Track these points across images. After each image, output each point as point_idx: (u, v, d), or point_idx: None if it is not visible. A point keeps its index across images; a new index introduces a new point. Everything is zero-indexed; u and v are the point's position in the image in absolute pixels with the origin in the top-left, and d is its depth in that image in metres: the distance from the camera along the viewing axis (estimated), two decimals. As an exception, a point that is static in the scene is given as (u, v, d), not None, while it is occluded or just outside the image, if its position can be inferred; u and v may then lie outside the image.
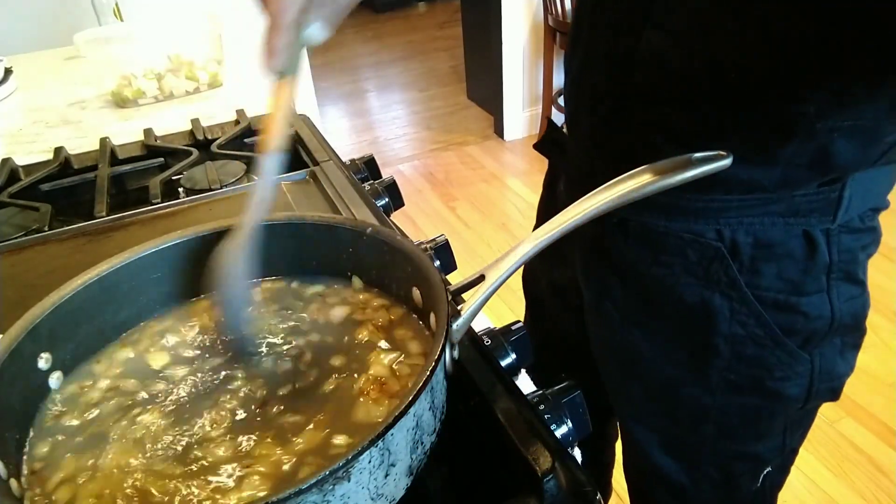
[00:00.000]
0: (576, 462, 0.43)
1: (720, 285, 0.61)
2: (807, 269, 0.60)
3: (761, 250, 0.59)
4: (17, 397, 0.41)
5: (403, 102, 3.99)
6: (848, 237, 0.60)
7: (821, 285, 0.61)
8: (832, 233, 0.59)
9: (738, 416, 0.69)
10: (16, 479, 0.38)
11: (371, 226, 0.51)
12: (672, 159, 0.47)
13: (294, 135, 0.96)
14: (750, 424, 0.69)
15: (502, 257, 0.46)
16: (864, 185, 0.57)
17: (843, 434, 1.61)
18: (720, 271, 0.61)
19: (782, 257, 0.60)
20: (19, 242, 0.73)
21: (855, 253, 0.62)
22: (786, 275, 0.60)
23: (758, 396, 0.66)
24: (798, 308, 0.61)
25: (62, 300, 0.45)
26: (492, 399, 0.46)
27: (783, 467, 0.76)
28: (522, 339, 0.57)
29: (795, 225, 0.58)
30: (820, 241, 0.59)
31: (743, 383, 0.65)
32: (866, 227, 0.61)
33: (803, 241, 0.59)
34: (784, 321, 0.62)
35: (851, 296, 0.64)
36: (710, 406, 0.68)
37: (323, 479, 0.31)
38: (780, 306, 0.61)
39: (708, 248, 0.61)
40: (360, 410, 0.42)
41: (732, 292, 0.61)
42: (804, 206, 0.57)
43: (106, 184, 0.84)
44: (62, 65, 1.48)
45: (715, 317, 0.63)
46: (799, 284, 0.61)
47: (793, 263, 0.60)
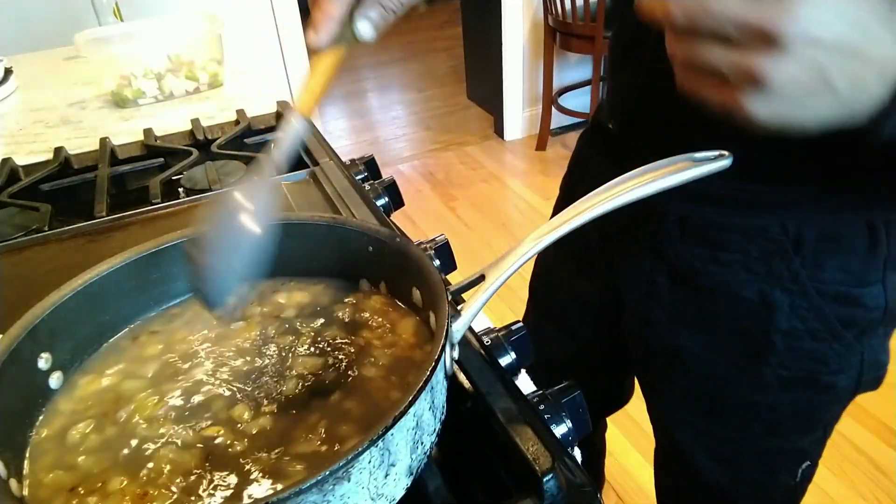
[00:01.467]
0: (576, 462, 0.43)
1: (782, 280, 0.61)
2: (868, 260, 0.60)
3: (825, 243, 0.59)
4: (17, 397, 0.41)
5: (403, 102, 3.99)
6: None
7: (879, 276, 0.61)
8: (891, 223, 0.59)
9: (788, 413, 0.69)
10: (16, 479, 0.38)
11: (371, 226, 0.51)
12: (672, 159, 0.47)
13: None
14: (799, 420, 0.70)
15: (502, 257, 0.46)
16: None
17: (843, 434, 1.61)
18: (782, 266, 0.61)
19: (845, 250, 0.59)
20: (19, 242, 0.73)
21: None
22: (848, 267, 0.60)
23: (811, 391, 0.66)
24: (859, 300, 0.61)
25: (62, 300, 0.45)
26: (492, 399, 0.46)
27: (816, 460, 0.77)
28: (522, 339, 0.57)
29: (860, 216, 0.58)
30: (881, 232, 0.59)
31: (796, 378, 0.65)
32: None
33: (866, 233, 0.59)
34: (844, 313, 0.62)
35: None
36: (760, 404, 0.68)
37: (323, 479, 0.31)
38: (842, 299, 0.61)
39: (772, 242, 0.60)
40: (362, 410, 0.42)
41: (794, 286, 0.61)
42: (872, 197, 0.57)
43: (106, 184, 0.84)
44: (62, 65, 1.48)
45: (774, 312, 0.62)
46: (860, 276, 0.60)
47: (855, 255, 0.60)
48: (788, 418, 0.70)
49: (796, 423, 0.70)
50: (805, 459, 0.74)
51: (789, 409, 0.69)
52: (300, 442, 0.40)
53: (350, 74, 4.46)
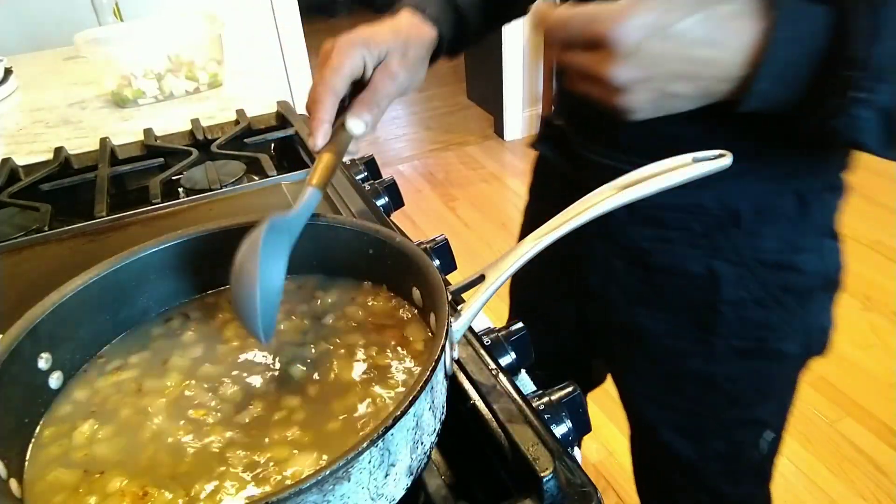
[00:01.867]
0: (576, 462, 0.43)
1: (724, 252, 0.65)
2: (801, 228, 0.65)
3: (760, 214, 0.63)
4: (18, 397, 0.41)
5: (403, 102, 3.99)
6: (830, 195, 0.65)
7: (813, 243, 0.66)
8: (819, 192, 0.64)
9: (744, 382, 0.72)
10: (16, 480, 0.38)
11: (371, 226, 0.51)
12: (672, 159, 0.47)
13: (294, 135, 0.96)
14: (755, 388, 0.73)
15: (502, 257, 0.46)
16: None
17: (843, 434, 1.61)
18: (723, 239, 0.65)
19: (779, 219, 0.64)
20: (19, 242, 0.73)
21: (834, 209, 0.66)
22: (783, 235, 0.64)
23: (762, 359, 0.70)
24: (797, 266, 0.65)
25: (62, 300, 0.45)
26: (492, 399, 0.46)
27: (780, 432, 0.80)
28: (522, 339, 0.57)
29: (789, 186, 0.63)
30: (809, 199, 0.63)
31: (747, 348, 0.69)
32: (841, 184, 0.66)
33: (796, 202, 0.63)
34: (784, 280, 0.66)
35: (836, 250, 0.68)
36: (716, 375, 0.71)
37: (323, 480, 0.31)
38: (780, 266, 0.65)
39: (711, 217, 0.64)
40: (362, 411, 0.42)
41: (736, 257, 0.65)
42: (798, 167, 0.62)
43: (106, 184, 0.84)
44: (62, 65, 1.48)
45: (719, 284, 0.66)
46: (795, 243, 0.65)
47: (788, 224, 0.64)
48: (744, 387, 0.72)
49: (753, 392, 0.73)
50: (767, 430, 0.77)
51: (744, 378, 0.72)
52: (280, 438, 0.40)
53: (350, 74, 4.45)
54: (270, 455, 0.39)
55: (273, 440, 0.40)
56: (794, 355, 0.71)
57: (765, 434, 0.77)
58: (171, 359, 0.48)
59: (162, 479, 0.38)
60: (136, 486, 0.38)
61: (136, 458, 0.40)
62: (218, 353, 0.48)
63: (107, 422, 0.43)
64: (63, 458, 0.41)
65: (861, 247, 2.28)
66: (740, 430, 0.76)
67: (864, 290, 2.06)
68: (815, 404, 1.70)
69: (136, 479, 0.38)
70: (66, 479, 0.39)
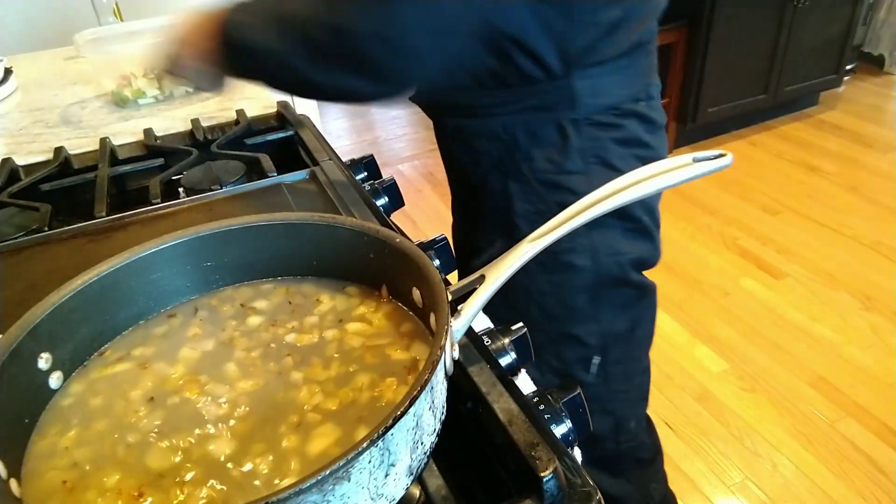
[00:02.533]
0: (576, 462, 0.43)
1: (512, 172, 0.80)
2: (564, 151, 0.77)
3: (531, 139, 0.77)
4: (17, 397, 0.41)
5: (403, 102, 3.98)
6: (594, 128, 0.77)
7: (578, 166, 0.78)
8: (579, 123, 0.76)
9: (551, 295, 0.83)
10: (16, 480, 0.38)
11: (371, 226, 0.51)
12: (673, 159, 0.47)
13: (294, 135, 0.96)
14: (561, 303, 0.84)
15: (502, 257, 0.46)
16: (592, 84, 0.75)
17: (843, 434, 1.61)
18: (510, 160, 0.79)
19: (545, 144, 0.77)
20: (19, 242, 0.73)
21: (603, 142, 0.77)
22: (551, 158, 0.77)
23: (559, 272, 0.81)
24: (564, 185, 0.78)
25: (62, 300, 0.45)
26: (492, 399, 0.46)
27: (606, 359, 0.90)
28: (522, 338, 0.57)
29: (549, 116, 0.76)
30: (569, 130, 0.76)
31: (545, 261, 0.77)
32: (614, 124, 0.77)
33: (556, 130, 0.77)
34: (558, 197, 0.78)
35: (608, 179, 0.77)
36: (529, 287, 0.83)
37: (323, 480, 0.31)
38: (553, 185, 0.78)
39: (501, 142, 0.79)
40: (363, 411, 0.42)
41: (521, 176, 0.79)
42: (550, 100, 0.75)
43: (106, 184, 0.84)
44: (62, 65, 1.48)
45: (512, 199, 0.80)
46: (562, 165, 0.78)
47: (554, 148, 0.77)
48: (553, 302, 0.84)
49: (561, 307, 0.84)
50: (591, 353, 0.88)
51: (551, 292, 0.82)
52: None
53: (350, 74, 4.45)
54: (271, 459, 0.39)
55: (274, 441, 0.40)
56: (586, 269, 0.81)
57: (592, 359, 0.88)
58: (172, 357, 0.48)
59: (158, 478, 0.38)
60: (133, 486, 0.38)
61: (134, 458, 0.40)
62: (217, 351, 0.48)
63: (107, 422, 0.43)
64: (62, 457, 0.41)
65: (861, 247, 2.28)
66: (564, 348, 0.87)
67: (864, 290, 2.06)
68: (815, 404, 1.70)
69: (132, 478, 0.38)
70: (65, 479, 0.39)
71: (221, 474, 0.38)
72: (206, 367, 0.47)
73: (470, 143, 0.82)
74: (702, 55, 2.67)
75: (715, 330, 1.98)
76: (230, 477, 0.38)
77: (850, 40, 3.03)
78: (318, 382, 0.45)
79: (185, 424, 0.42)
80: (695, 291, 2.14)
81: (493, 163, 0.80)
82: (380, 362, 0.46)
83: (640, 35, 0.77)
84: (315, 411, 0.42)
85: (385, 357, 0.46)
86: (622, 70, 0.76)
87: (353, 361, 0.46)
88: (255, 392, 0.44)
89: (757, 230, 2.42)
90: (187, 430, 0.42)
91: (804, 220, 2.46)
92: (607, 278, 0.83)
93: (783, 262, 2.24)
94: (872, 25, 3.56)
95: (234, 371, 0.46)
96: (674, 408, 1.73)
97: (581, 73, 0.73)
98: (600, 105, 0.76)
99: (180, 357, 0.48)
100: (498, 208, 0.82)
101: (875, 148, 2.92)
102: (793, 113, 3.23)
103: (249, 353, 0.48)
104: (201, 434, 0.41)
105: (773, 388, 1.76)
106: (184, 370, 0.47)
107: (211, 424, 0.42)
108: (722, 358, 1.88)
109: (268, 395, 0.44)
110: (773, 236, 2.38)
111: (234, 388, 0.45)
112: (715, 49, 2.66)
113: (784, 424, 1.66)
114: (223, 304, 0.53)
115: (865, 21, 3.47)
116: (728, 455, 1.60)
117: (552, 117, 0.76)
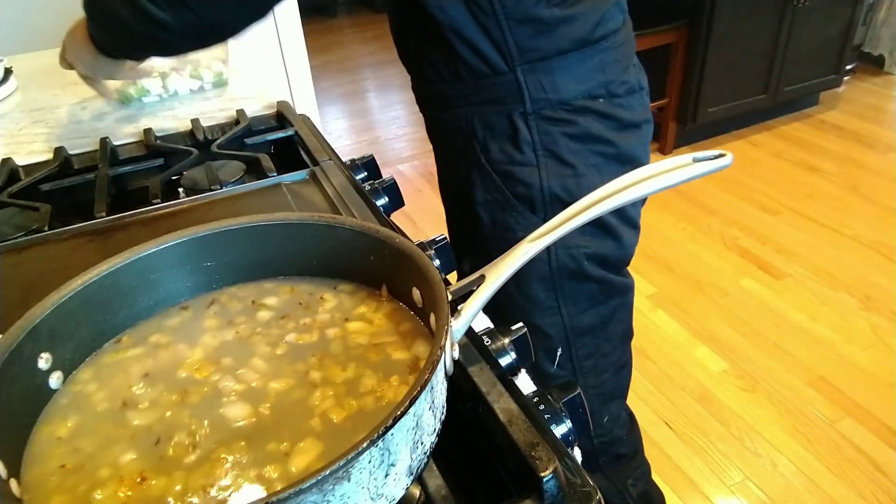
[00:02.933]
0: (576, 462, 0.43)
1: (474, 162, 0.83)
2: (515, 144, 0.80)
3: (488, 131, 0.81)
4: (18, 397, 0.41)
5: (403, 102, 3.99)
6: (545, 123, 0.79)
7: (530, 159, 0.80)
8: (529, 118, 0.79)
9: (511, 282, 0.81)
10: (16, 479, 0.38)
11: (371, 226, 0.51)
12: (673, 159, 0.47)
13: (294, 135, 0.96)
14: (521, 290, 0.87)
15: (502, 257, 0.46)
16: (540, 79, 0.77)
17: (843, 434, 1.61)
18: (471, 150, 0.83)
19: (499, 136, 0.80)
20: (19, 242, 0.73)
21: (555, 136, 0.80)
22: (505, 149, 0.81)
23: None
24: (517, 176, 0.81)
25: (62, 300, 0.45)
26: (492, 399, 0.46)
27: (578, 354, 0.93)
28: (522, 338, 0.57)
29: (501, 109, 0.79)
30: (519, 124, 0.79)
31: (501, 249, 0.78)
32: (564, 119, 0.79)
33: (507, 123, 0.79)
34: (512, 187, 0.82)
35: (561, 174, 0.81)
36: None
37: (323, 480, 0.31)
38: (507, 175, 0.81)
39: (463, 134, 0.83)
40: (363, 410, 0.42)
41: (480, 166, 0.83)
42: (499, 94, 0.78)
43: (106, 184, 0.84)
44: (62, 65, 1.48)
45: (474, 188, 0.84)
46: (513, 156, 0.81)
47: (507, 140, 0.80)
48: (513, 288, 0.86)
49: (521, 296, 0.87)
50: (555, 345, 0.91)
51: (509, 283, 0.82)
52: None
53: (350, 74, 4.46)
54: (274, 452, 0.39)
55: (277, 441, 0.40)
56: (540, 259, 0.82)
57: (557, 350, 0.91)
58: (171, 352, 0.48)
59: (163, 475, 0.38)
60: (135, 471, 0.38)
61: (136, 454, 0.40)
62: (217, 347, 0.48)
63: (107, 421, 0.43)
64: (62, 457, 0.40)
65: (861, 247, 2.28)
66: (533, 339, 0.86)
67: (864, 290, 2.06)
68: (815, 404, 1.70)
69: (137, 475, 0.38)
70: (65, 479, 0.39)
71: (224, 459, 0.39)
72: (207, 360, 0.47)
73: (444, 135, 0.87)
74: (702, 55, 2.67)
75: (715, 330, 1.98)
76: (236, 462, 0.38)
77: (850, 40, 3.03)
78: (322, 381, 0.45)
79: (191, 422, 0.42)
80: (695, 291, 2.14)
81: (458, 153, 0.85)
82: (382, 360, 0.46)
83: (594, 31, 0.77)
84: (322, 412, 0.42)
85: (387, 355, 0.46)
86: (571, 66, 0.77)
87: (356, 360, 0.46)
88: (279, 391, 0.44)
89: (757, 230, 2.42)
90: (191, 430, 0.42)
91: (804, 220, 2.46)
92: (564, 270, 0.86)
93: (783, 262, 2.24)
94: (872, 25, 3.56)
95: (236, 367, 0.46)
96: (674, 408, 1.73)
97: (525, 67, 0.76)
98: (550, 100, 0.78)
99: (180, 351, 0.48)
100: (463, 196, 0.87)
101: (875, 148, 2.92)
102: (793, 113, 3.23)
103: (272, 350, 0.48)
104: (207, 435, 0.41)
105: (773, 388, 1.76)
106: (186, 363, 0.47)
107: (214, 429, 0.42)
108: (722, 358, 1.88)
109: (285, 394, 0.44)
110: (773, 236, 2.38)
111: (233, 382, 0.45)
112: (715, 49, 2.66)
113: (784, 424, 1.66)
114: (231, 300, 0.53)
115: (865, 21, 3.47)
116: (728, 455, 1.60)
117: (503, 110, 0.79)
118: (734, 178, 2.72)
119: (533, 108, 0.78)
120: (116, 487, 0.38)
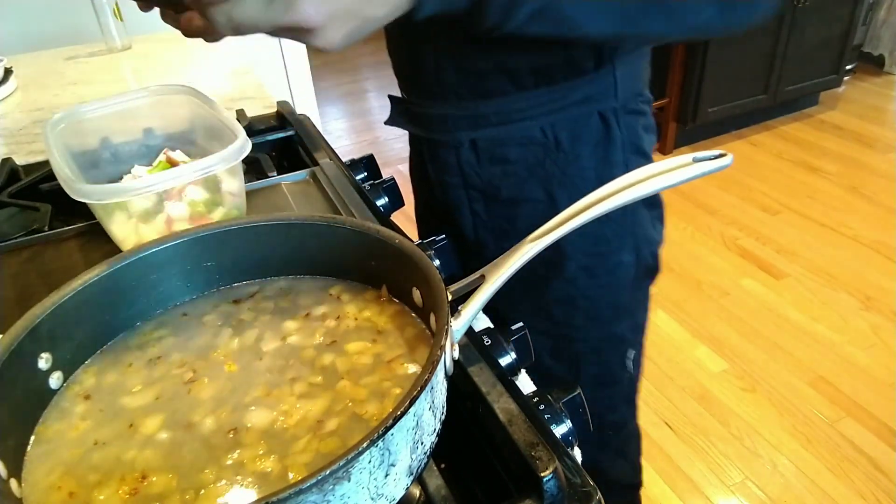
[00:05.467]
0: (576, 462, 0.43)
1: (556, 176, 0.75)
2: (608, 145, 0.74)
3: (574, 137, 0.74)
4: (18, 397, 0.41)
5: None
6: (629, 116, 0.75)
7: (620, 158, 0.75)
8: (618, 112, 0.74)
9: (598, 298, 0.80)
10: (16, 480, 0.38)
11: (371, 226, 0.51)
12: (673, 159, 0.47)
13: (294, 135, 0.96)
14: (607, 302, 0.82)
15: (502, 257, 0.46)
16: (628, 69, 0.72)
17: (843, 434, 1.61)
18: (552, 164, 0.75)
19: (589, 140, 0.74)
20: (19, 242, 0.73)
21: (636, 129, 0.76)
22: (597, 153, 0.75)
23: (607, 274, 0.79)
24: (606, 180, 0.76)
25: (62, 300, 0.45)
26: (492, 399, 0.46)
27: (639, 350, 0.90)
28: (522, 339, 0.57)
29: (592, 109, 0.73)
30: (611, 120, 0.74)
31: (592, 264, 0.77)
32: (640, 110, 0.76)
33: (600, 122, 0.73)
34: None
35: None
36: (574, 295, 0.80)
37: (323, 480, 0.31)
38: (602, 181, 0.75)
39: (540, 147, 0.74)
40: (363, 411, 0.42)
41: (564, 179, 0.75)
42: (593, 91, 0.72)
43: (106, 184, 0.84)
44: (62, 65, 1.48)
45: (557, 204, 0.75)
46: (607, 158, 0.75)
47: (598, 144, 0.74)
48: (599, 304, 0.81)
49: (606, 307, 0.82)
50: (628, 347, 0.87)
51: (598, 294, 0.80)
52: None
53: (350, 74, 4.45)
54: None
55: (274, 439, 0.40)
56: (631, 264, 0.80)
57: (628, 353, 0.86)
58: (172, 352, 0.48)
59: (160, 463, 0.39)
60: (136, 471, 0.38)
61: (133, 458, 0.40)
62: (218, 347, 0.48)
63: (107, 421, 0.43)
64: (62, 457, 0.41)
65: (861, 247, 2.28)
66: (607, 349, 0.85)
67: (864, 290, 2.06)
68: (815, 404, 1.70)
69: (136, 475, 0.38)
70: (64, 479, 0.39)
71: (225, 460, 0.39)
72: (208, 358, 0.47)
73: (500, 154, 0.76)
74: (702, 55, 2.67)
75: (715, 330, 1.98)
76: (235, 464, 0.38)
77: (850, 40, 3.03)
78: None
79: (190, 420, 0.42)
80: (695, 291, 2.14)
81: (529, 170, 0.76)
82: (383, 358, 0.46)
83: None
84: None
85: (388, 355, 0.46)
86: (645, 53, 0.75)
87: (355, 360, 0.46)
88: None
89: (757, 230, 2.42)
90: (190, 429, 0.42)
91: (804, 220, 2.46)
92: (644, 270, 0.83)
93: (783, 262, 2.24)
94: (872, 25, 3.55)
95: (236, 365, 0.46)
96: (674, 408, 1.73)
97: (621, 58, 0.71)
98: (633, 91, 0.75)
99: (180, 350, 0.48)
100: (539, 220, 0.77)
101: (875, 148, 2.92)
102: (793, 113, 3.23)
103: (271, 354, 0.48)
104: (206, 437, 0.41)
105: (773, 388, 1.76)
106: (186, 363, 0.47)
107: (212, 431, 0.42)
108: (722, 358, 1.88)
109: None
110: (773, 236, 2.38)
111: (234, 381, 0.45)
112: (715, 49, 2.66)
113: (784, 424, 1.66)
114: (232, 300, 0.53)
115: (865, 21, 3.47)
116: (728, 455, 1.60)
117: (594, 108, 0.73)
118: (734, 178, 2.72)
119: (622, 101, 0.74)
120: (117, 487, 0.38)
